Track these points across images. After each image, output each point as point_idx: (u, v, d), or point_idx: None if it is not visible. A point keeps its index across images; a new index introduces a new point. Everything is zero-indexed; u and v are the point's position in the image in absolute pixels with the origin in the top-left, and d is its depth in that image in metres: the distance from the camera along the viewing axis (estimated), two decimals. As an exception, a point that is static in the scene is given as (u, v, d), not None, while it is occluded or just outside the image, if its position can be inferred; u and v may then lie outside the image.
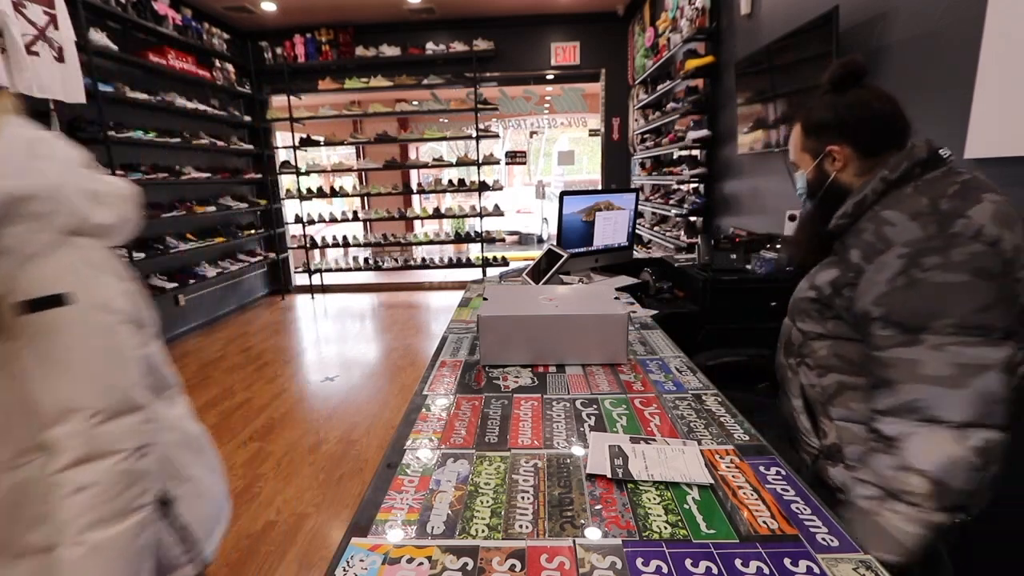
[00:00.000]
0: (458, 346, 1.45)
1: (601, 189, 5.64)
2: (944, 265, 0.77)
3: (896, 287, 0.81)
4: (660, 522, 0.71)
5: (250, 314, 5.46)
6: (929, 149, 0.88)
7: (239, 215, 5.57)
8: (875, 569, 0.62)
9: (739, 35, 3.09)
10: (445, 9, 5.29)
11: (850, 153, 0.95)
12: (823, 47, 2.04)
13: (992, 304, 0.76)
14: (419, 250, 8.08)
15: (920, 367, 0.78)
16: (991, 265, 0.76)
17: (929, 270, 0.78)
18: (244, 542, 1.91)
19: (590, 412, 1.03)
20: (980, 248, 0.76)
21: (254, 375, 3.62)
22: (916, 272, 0.79)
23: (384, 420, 2.87)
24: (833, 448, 0.96)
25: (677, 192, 4.31)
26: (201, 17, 4.95)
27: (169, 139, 4.24)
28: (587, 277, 2.30)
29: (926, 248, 0.79)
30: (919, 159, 0.87)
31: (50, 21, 2.95)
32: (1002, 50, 1.28)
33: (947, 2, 1.52)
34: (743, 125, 2.92)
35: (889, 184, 0.88)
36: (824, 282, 0.95)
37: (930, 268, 0.78)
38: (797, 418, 1.04)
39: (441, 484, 0.80)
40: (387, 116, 5.91)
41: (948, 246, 0.77)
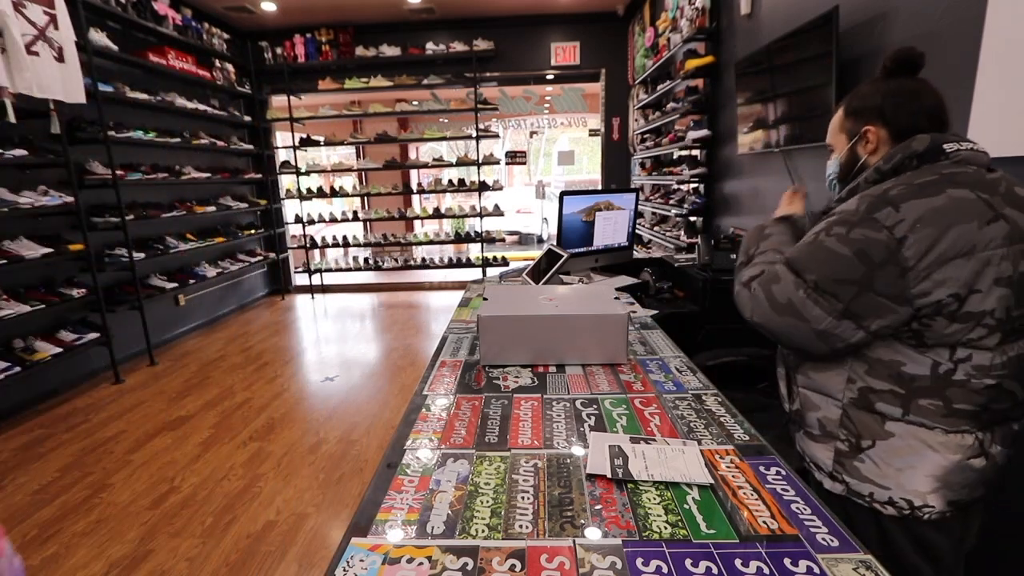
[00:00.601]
0: (458, 346, 1.45)
1: (601, 189, 5.64)
2: (842, 236, 0.86)
3: (805, 241, 0.94)
4: (660, 522, 0.71)
5: (250, 314, 5.46)
6: (930, 143, 0.88)
7: (239, 215, 5.57)
8: (875, 569, 0.62)
9: (739, 35, 3.09)
10: (445, 9, 5.29)
11: (884, 136, 0.95)
12: (823, 47, 2.04)
13: (852, 281, 0.85)
14: (419, 250, 8.08)
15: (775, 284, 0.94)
16: (876, 254, 0.82)
17: (831, 236, 0.88)
18: (244, 542, 1.91)
19: (590, 412, 1.03)
20: (880, 237, 0.82)
21: (254, 375, 3.62)
22: (822, 235, 0.89)
23: (384, 420, 2.87)
24: (796, 414, 1.05)
25: (677, 192, 4.31)
26: (201, 17, 4.95)
27: (169, 139, 4.24)
28: (587, 277, 2.30)
29: (844, 220, 0.87)
30: (914, 152, 0.88)
31: (50, 21, 2.95)
32: (1002, 50, 1.28)
33: (947, 2, 1.52)
34: (743, 125, 2.92)
35: (882, 174, 0.91)
36: None
37: (833, 235, 0.87)
38: (781, 386, 1.12)
39: (441, 484, 0.80)
40: (387, 116, 5.91)
41: (859, 223, 0.84)
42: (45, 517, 2.10)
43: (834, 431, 0.96)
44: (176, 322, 4.61)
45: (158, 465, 2.46)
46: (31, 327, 3.14)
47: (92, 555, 1.87)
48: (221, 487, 2.26)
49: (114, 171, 3.54)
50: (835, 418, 0.96)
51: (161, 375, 3.70)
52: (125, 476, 2.38)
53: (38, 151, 3.03)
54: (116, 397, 3.31)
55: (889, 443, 0.90)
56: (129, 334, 3.88)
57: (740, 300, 1.02)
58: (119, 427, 2.88)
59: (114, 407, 3.16)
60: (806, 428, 1.02)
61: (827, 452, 0.98)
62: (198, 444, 2.65)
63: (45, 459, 2.56)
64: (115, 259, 3.66)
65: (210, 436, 2.73)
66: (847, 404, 0.94)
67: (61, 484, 2.33)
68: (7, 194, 2.89)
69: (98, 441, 2.72)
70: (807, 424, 1.02)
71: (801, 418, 1.03)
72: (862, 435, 0.93)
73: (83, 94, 3.15)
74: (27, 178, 3.16)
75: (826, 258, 0.87)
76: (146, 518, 2.07)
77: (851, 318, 0.86)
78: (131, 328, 3.84)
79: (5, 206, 2.81)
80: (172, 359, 4.04)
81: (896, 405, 0.89)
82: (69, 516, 2.10)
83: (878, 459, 0.91)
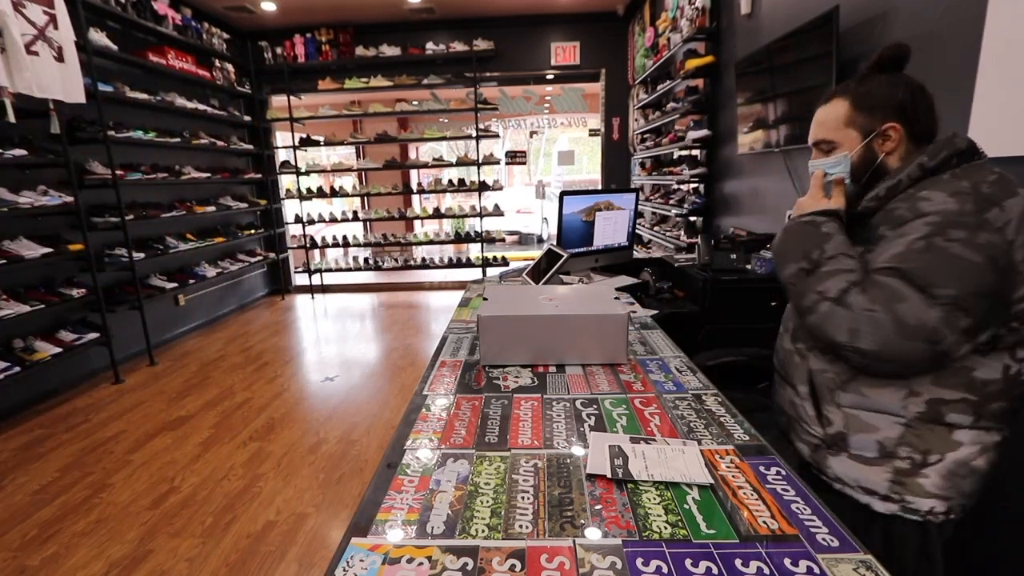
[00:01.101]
0: (458, 346, 1.45)
1: (601, 189, 5.64)
2: (967, 241, 0.78)
3: (913, 248, 0.81)
4: (660, 522, 0.71)
5: (250, 314, 5.46)
6: (969, 141, 0.88)
7: (239, 215, 5.57)
8: (875, 569, 0.62)
9: (739, 35, 3.09)
10: (445, 9, 5.29)
11: (904, 136, 0.93)
12: (823, 47, 2.04)
13: (988, 294, 0.78)
14: (419, 250, 8.08)
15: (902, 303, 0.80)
16: (1001, 259, 0.77)
17: (952, 241, 0.78)
18: (244, 542, 1.91)
19: (590, 412, 1.03)
20: (998, 240, 0.77)
21: (254, 375, 3.62)
22: (939, 240, 0.79)
23: (384, 420, 2.87)
24: (837, 437, 0.95)
25: (677, 192, 4.31)
26: (201, 17, 4.94)
27: (169, 139, 4.24)
28: (587, 277, 2.30)
29: (957, 222, 0.79)
30: (958, 149, 0.87)
31: (50, 21, 2.95)
32: (1002, 50, 1.28)
33: (947, 2, 1.52)
34: (743, 125, 2.92)
35: (925, 171, 0.88)
36: None
37: (954, 240, 0.78)
38: (800, 406, 1.02)
39: (441, 484, 0.80)
40: (387, 116, 5.91)
41: (978, 226, 0.78)
42: (45, 517, 2.10)
43: (894, 450, 0.90)
44: (176, 322, 4.61)
45: (158, 465, 2.46)
46: (31, 327, 3.14)
47: (92, 555, 1.87)
48: (221, 487, 2.26)
49: (114, 171, 3.54)
50: (895, 436, 0.89)
51: (161, 375, 3.70)
52: (125, 476, 2.38)
53: (38, 151, 3.03)
54: (116, 397, 3.31)
55: (957, 453, 0.87)
56: (129, 334, 3.88)
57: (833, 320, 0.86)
58: (119, 427, 2.88)
59: (114, 407, 3.16)
60: (852, 451, 0.93)
61: (883, 474, 0.91)
62: (198, 444, 2.65)
63: (45, 459, 2.56)
64: (115, 259, 3.66)
65: (210, 436, 2.73)
66: (912, 420, 0.88)
67: (61, 484, 2.33)
68: (7, 194, 2.89)
69: (98, 441, 2.72)
70: (854, 447, 0.93)
71: (843, 441, 0.94)
72: (930, 450, 0.87)
73: (83, 94, 3.14)
74: (27, 178, 3.16)
75: (959, 269, 0.78)
76: (146, 518, 2.07)
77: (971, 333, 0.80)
78: (131, 328, 3.84)
79: (5, 206, 2.81)
80: (172, 359, 4.04)
81: (968, 413, 0.85)
82: (69, 516, 2.10)
83: (945, 471, 0.87)
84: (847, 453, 0.94)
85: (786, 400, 1.07)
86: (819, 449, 0.99)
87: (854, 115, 0.95)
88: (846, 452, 0.95)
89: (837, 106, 0.97)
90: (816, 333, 0.91)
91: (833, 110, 0.98)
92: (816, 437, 0.99)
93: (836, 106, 0.97)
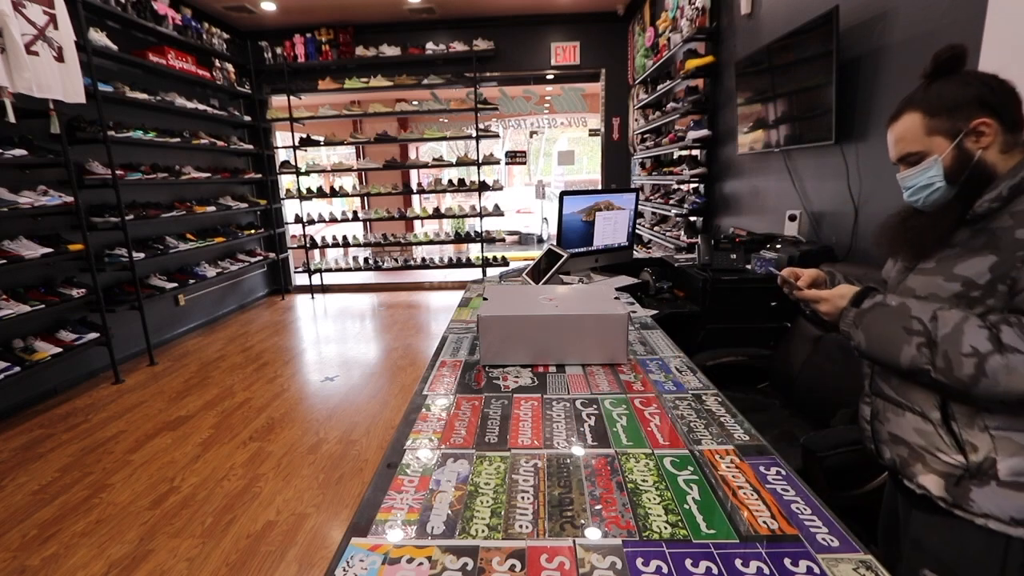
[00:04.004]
0: (458, 346, 1.45)
1: (601, 189, 5.64)
2: None
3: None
4: (660, 522, 0.71)
5: (250, 314, 5.46)
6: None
7: (239, 215, 5.57)
8: (875, 569, 0.62)
9: (739, 35, 3.09)
10: (445, 9, 5.29)
11: (997, 127, 0.86)
12: (823, 47, 2.04)
13: None
14: (419, 250, 8.08)
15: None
16: None
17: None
18: (244, 542, 1.91)
19: (590, 412, 1.03)
20: None
21: (254, 375, 3.62)
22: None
23: (384, 420, 2.87)
24: (985, 464, 0.84)
25: (677, 192, 4.31)
26: (201, 17, 4.94)
27: (169, 139, 4.24)
28: (587, 277, 2.30)
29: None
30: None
31: (50, 21, 2.95)
32: (1002, 50, 1.28)
33: (947, 2, 1.52)
34: (743, 125, 2.92)
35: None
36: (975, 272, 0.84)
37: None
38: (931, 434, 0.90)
39: (441, 484, 0.80)
40: (387, 116, 5.91)
41: None
42: (45, 517, 2.10)
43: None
44: (176, 322, 4.61)
45: (158, 465, 2.46)
46: (31, 327, 3.14)
47: (92, 555, 1.87)
48: (221, 487, 2.26)
49: (114, 171, 3.54)
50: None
51: (161, 375, 3.70)
52: (125, 476, 2.38)
53: (38, 151, 3.03)
54: (116, 397, 3.31)
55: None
56: (129, 334, 3.88)
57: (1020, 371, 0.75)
58: (119, 427, 2.88)
59: (114, 407, 3.16)
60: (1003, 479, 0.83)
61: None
62: (198, 444, 2.65)
63: (45, 459, 2.56)
64: (115, 259, 3.66)
65: (210, 436, 2.73)
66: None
67: (61, 484, 2.33)
68: (7, 194, 2.89)
69: (98, 441, 2.72)
70: (1006, 473, 0.83)
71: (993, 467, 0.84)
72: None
73: (83, 94, 3.14)
74: (27, 178, 3.16)
75: None
76: (146, 518, 2.07)
77: None
78: (131, 328, 3.84)
79: (5, 206, 2.81)
80: (172, 359, 4.04)
81: None
82: (69, 516, 2.10)
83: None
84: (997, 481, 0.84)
85: (907, 428, 0.94)
86: (960, 481, 0.87)
87: (933, 122, 0.90)
88: (996, 480, 0.84)
89: (910, 120, 0.92)
90: (1003, 396, 0.78)
91: (907, 124, 0.92)
92: (956, 467, 0.87)
93: (909, 120, 0.92)
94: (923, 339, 0.82)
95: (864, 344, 0.91)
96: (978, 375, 0.77)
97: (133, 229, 3.81)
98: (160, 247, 4.15)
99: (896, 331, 0.86)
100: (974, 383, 0.78)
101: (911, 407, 0.93)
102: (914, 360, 0.84)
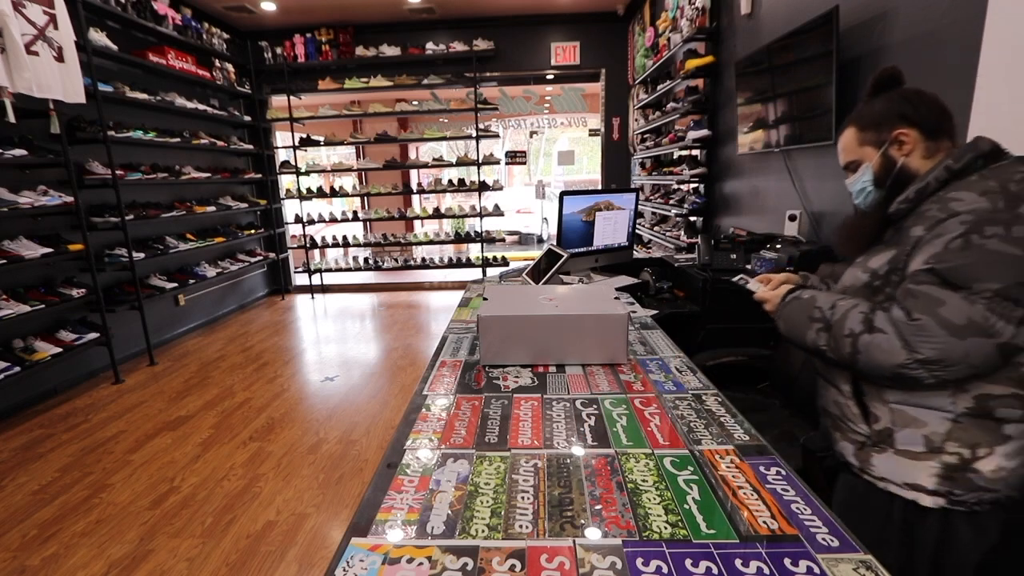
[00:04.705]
0: (458, 346, 1.45)
1: (601, 189, 5.64)
2: (1004, 236, 0.82)
3: (950, 248, 0.85)
4: (660, 522, 0.71)
5: (250, 314, 5.46)
6: (992, 143, 0.93)
7: (239, 215, 5.57)
8: (875, 569, 0.62)
9: (739, 35, 3.09)
10: (445, 9, 5.29)
11: (916, 136, 0.98)
12: (823, 47, 2.04)
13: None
14: (419, 250, 8.08)
15: (941, 306, 0.84)
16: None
17: (988, 238, 0.82)
18: (244, 542, 1.91)
19: (590, 412, 1.03)
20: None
21: (254, 375, 3.62)
22: (975, 238, 0.83)
23: (384, 420, 2.87)
24: (884, 433, 0.97)
25: (677, 192, 4.31)
26: (201, 17, 4.94)
27: (169, 139, 4.24)
28: (587, 277, 2.30)
29: (990, 219, 0.83)
30: (982, 151, 0.92)
31: (50, 21, 2.95)
32: (1002, 50, 1.28)
33: (947, 2, 1.52)
34: (743, 125, 2.92)
35: (952, 173, 0.92)
36: (879, 264, 0.98)
37: (990, 236, 0.82)
38: (844, 405, 1.04)
39: (441, 484, 0.80)
40: (387, 116, 5.91)
41: (1012, 221, 0.82)
42: (45, 517, 2.10)
43: (942, 445, 0.92)
44: (176, 322, 4.61)
45: (158, 465, 2.46)
46: (31, 327, 3.14)
47: (92, 555, 1.87)
48: (221, 487, 2.26)
49: (114, 171, 3.54)
50: (943, 431, 0.91)
51: (161, 375, 3.70)
52: (125, 476, 2.38)
53: (38, 151, 3.03)
54: (116, 397, 3.31)
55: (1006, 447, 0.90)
56: (129, 334, 3.88)
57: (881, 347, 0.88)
58: (119, 427, 2.88)
59: (114, 407, 3.16)
60: (898, 447, 0.95)
61: (930, 468, 0.93)
62: (198, 444, 2.65)
63: (45, 459, 2.56)
64: (115, 259, 3.66)
65: (210, 436, 2.73)
66: (960, 415, 0.90)
67: (61, 484, 2.33)
68: (7, 194, 2.89)
69: (98, 441, 2.72)
70: (900, 443, 0.95)
71: (890, 437, 0.96)
72: (978, 444, 0.90)
73: (83, 94, 3.14)
74: (27, 178, 3.16)
75: (1000, 262, 0.82)
76: (146, 518, 2.07)
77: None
78: (131, 328, 3.84)
79: (5, 206, 2.81)
80: (172, 359, 4.04)
81: (1018, 407, 0.88)
82: (69, 516, 2.10)
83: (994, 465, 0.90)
84: (893, 449, 0.96)
85: (830, 400, 1.09)
86: (864, 447, 1.01)
87: (863, 135, 1.04)
88: (892, 448, 0.96)
89: (848, 133, 1.07)
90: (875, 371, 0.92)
91: (846, 137, 1.08)
92: (862, 435, 1.01)
93: (848, 133, 1.08)
94: (822, 324, 0.98)
95: (783, 329, 1.10)
96: (854, 352, 0.92)
97: (133, 229, 3.81)
98: (160, 247, 4.16)
99: (803, 319, 1.03)
100: (854, 360, 0.93)
101: (832, 382, 1.07)
102: (814, 342, 1.00)
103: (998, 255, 0.82)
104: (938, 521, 0.94)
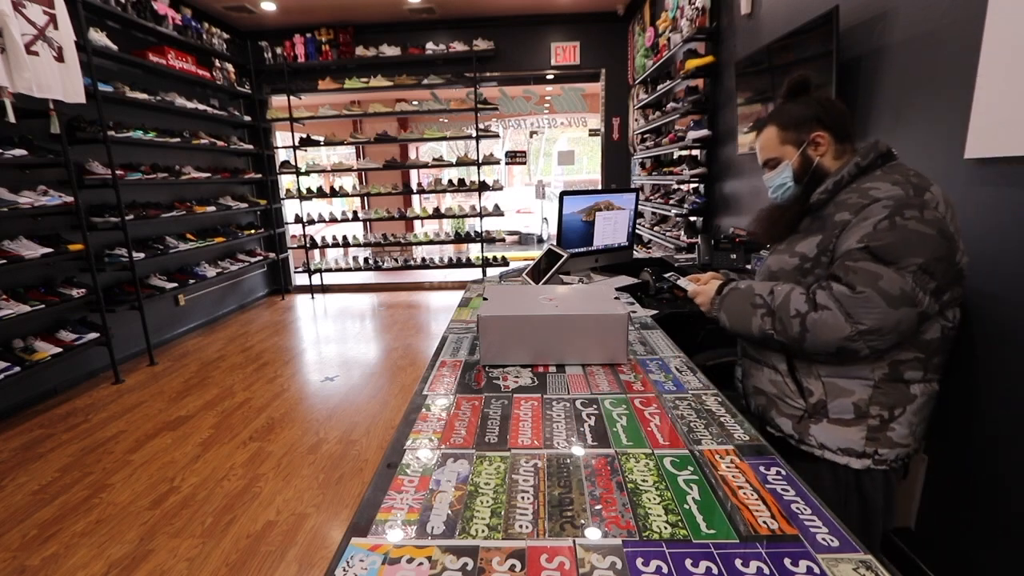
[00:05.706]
0: (458, 346, 1.45)
1: (601, 189, 5.64)
2: (919, 219, 0.96)
3: (879, 228, 0.97)
4: (660, 522, 0.71)
5: (250, 314, 5.46)
6: (887, 146, 1.09)
7: (239, 215, 5.57)
8: (875, 569, 0.62)
9: (739, 35, 3.09)
10: (445, 9, 5.29)
11: (830, 139, 1.13)
12: (823, 47, 2.04)
13: (944, 258, 0.96)
14: (419, 250, 8.08)
15: (880, 279, 0.96)
16: (946, 230, 0.97)
17: (908, 219, 0.96)
18: (244, 542, 1.91)
19: (590, 412, 1.03)
20: (940, 215, 0.97)
21: (254, 375, 3.62)
22: (898, 219, 0.96)
23: (384, 420, 2.87)
24: (818, 405, 1.08)
25: (677, 192, 4.31)
26: (201, 17, 4.94)
27: (169, 139, 4.24)
28: (587, 277, 2.30)
29: (907, 203, 0.97)
30: (882, 152, 1.08)
31: (50, 21, 2.95)
32: (1002, 50, 1.27)
33: (947, 2, 1.52)
34: (743, 125, 2.92)
35: (860, 169, 1.08)
36: (808, 248, 1.09)
37: (909, 218, 0.96)
38: (781, 383, 1.14)
39: (441, 484, 0.80)
40: (387, 116, 5.91)
41: (923, 206, 0.97)
42: (45, 517, 2.10)
43: (867, 410, 1.04)
44: (176, 322, 4.61)
45: (158, 465, 2.46)
46: (31, 327, 3.14)
47: (92, 555, 1.87)
48: (221, 487, 2.26)
49: (114, 171, 3.54)
50: (867, 397, 1.04)
51: (161, 375, 3.70)
52: (125, 476, 2.38)
53: (38, 151, 3.03)
54: (116, 397, 3.31)
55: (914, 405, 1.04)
56: (129, 334, 3.88)
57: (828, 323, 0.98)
58: (119, 427, 2.88)
59: (114, 407, 3.16)
60: (831, 416, 1.07)
61: (859, 432, 1.05)
62: (198, 444, 2.65)
63: (45, 459, 2.56)
64: (115, 259, 3.66)
65: (210, 436, 2.73)
66: (879, 381, 1.03)
67: (61, 484, 2.33)
68: (7, 194, 2.89)
69: (98, 441, 2.72)
70: (833, 412, 1.06)
71: (824, 408, 1.07)
72: (895, 405, 1.03)
73: (83, 94, 3.14)
74: (27, 178, 3.16)
75: (920, 240, 0.94)
76: (146, 518, 2.07)
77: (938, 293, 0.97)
78: (131, 328, 3.84)
79: (5, 206, 2.81)
80: (172, 359, 4.04)
81: (919, 369, 1.03)
82: (69, 516, 2.10)
83: (907, 422, 1.04)
84: (827, 419, 1.07)
85: (764, 380, 1.18)
86: (802, 420, 1.11)
87: (784, 134, 1.17)
88: (826, 418, 1.07)
89: (769, 132, 1.20)
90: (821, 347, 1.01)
91: (767, 135, 1.20)
92: (799, 409, 1.11)
93: (768, 132, 1.20)
94: (765, 309, 1.07)
95: (727, 323, 1.18)
96: (803, 331, 1.01)
97: (133, 229, 3.81)
98: (160, 247, 4.16)
99: (746, 307, 1.12)
100: (802, 339, 1.02)
101: (766, 363, 1.17)
102: (761, 328, 1.08)
103: (918, 234, 0.95)
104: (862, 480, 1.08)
